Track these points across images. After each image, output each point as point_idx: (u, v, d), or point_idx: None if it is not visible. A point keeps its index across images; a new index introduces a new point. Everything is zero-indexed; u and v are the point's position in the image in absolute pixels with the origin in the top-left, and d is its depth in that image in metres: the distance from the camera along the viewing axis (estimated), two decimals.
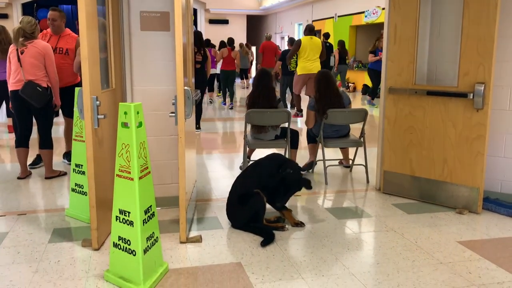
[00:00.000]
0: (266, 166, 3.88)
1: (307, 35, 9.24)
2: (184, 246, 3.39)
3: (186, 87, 3.24)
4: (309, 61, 9.06)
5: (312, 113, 5.15)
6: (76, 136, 4.03)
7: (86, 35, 3.04)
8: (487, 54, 3.83)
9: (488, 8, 3.78)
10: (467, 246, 3.43)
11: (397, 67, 4.38)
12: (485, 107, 3.90)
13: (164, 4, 3.92)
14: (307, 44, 9.08)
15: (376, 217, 4.05)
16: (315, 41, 9.18)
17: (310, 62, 9.07)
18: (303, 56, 9.12)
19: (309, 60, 9.06)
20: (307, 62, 9.07)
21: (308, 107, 5.22)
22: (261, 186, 3.73)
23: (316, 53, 9.14)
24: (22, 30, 4.76)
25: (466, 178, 4.08)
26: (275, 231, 3.63)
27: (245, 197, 3.74)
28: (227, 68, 11.71)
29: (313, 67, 9.06)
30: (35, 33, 4.87)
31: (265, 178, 3.78)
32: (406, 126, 4.39)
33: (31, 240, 3.48)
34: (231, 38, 12.49)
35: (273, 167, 3.79)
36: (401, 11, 4.30)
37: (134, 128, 2.74)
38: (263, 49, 12.39)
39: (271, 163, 3.88)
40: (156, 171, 3.91)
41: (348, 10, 16.89)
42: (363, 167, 5.17)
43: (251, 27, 26.30)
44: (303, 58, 9.12)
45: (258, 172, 3.88)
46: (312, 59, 9.09)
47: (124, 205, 2.79)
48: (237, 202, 3.78)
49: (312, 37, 9.22)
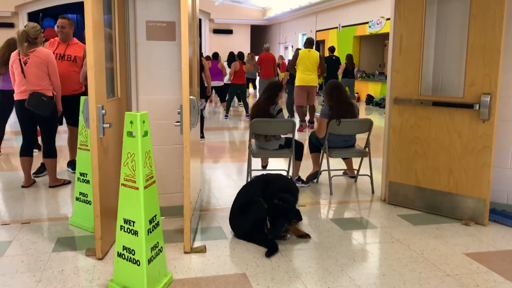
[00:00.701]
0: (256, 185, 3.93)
1: (306, 48, 9.41)
2: (189, 256, 3.36)
3: (191, 97, 3.24)
4: (307, 73, 9.22)
5: (325, 121, 5.09)
6: (81, 145, 4.04)
7: (93, 44, 3.05)
8: (494, 64, 3.82)
9: (494, 18, 3.78)
10: (474, 258, 3.40)
11: (403, 78, 4.38)
12: (491, 118, 3.88)
13: (170, 14, 3.94)
14: (304, 56, 9.23)
15: (382, 228, 4.02)
16: (312, 54, 9.30)
17: (308, 74, 9.23)
18: (300, 68, 9.28)
19: (306, 72, 9.22)
20: (305, 74, 9.23)
21: (321, 114, 5.19)
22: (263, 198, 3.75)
23: (313, 65, 9.27)
24: (26, 34, 4.77)
25: (472, 189, 4.05)
26: (278, 240, 3.61)
27: (246, 205, 3.73)
28: (238, 81, 11.77)
29: (310, 79, 9.23)
30: (37, 39, 4.86)
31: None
32: (411, 137, 4.38)
33: (34, 249, 3.47)
34: (241, 52, 12.63)
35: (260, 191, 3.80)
36: (407, 22, 4.30)
37: (140, 138, 2.73)
38: (260, 61, 12.58)
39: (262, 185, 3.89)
40: (161, 180, 3.90)
41: (352, 20, 16.95)
42: (368, 178, 5.14)
43: (255, 37, 26.43)
44: (301, 70, 9.27)
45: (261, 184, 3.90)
46: (310, 71, 9.24)
47: (128, 214, 2.78)
48: (238, 210, 3.77)
49: (310, 50, 9.35)
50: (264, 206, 3.69)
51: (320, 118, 5.16)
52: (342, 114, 5.00)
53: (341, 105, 5.07)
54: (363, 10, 16.00)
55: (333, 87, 5.25)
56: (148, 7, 3.92)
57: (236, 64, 11.79)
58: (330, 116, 5.04)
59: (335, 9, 18.06)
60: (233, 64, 11.92)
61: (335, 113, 5.02)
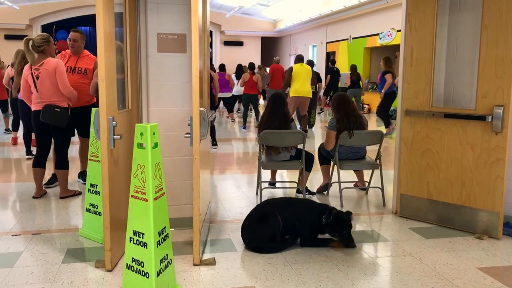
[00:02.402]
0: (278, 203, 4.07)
1: (297, 63, 10.15)
2: (198, 269, 3.34)
3: (201, 108, 3.25)
4: (300, 84, 9.90)
5: (333, 134, 5.08)
6: (91, 156, 4.05)
7: (104, 56, 3.08)
8: (506, 76, 3.78)
9: (507, 30, 3.75)
10: (487, 272, 3.34)
11: (414, 89, 4.35)
12: (504, 130, 3.83)
13: (181, 26, 3.96)
14: (298, 70, 9.93)
15: (393, 241, 3.97)
16: (305, 68, 10.09)
17: (301, 86, 9.90)
18: (295, 81, 9.94)
19: (300, 84, 9.90)
20: (298, 85, 9.91)
21: (329, 127, 5.17)
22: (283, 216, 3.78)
23: (307, 77, 9.99)
24: (32, 41, 4.83)
25: (485, 202, 4.00)
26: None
27: (265, 216, 3.80)
28: (250, 92, 11.99)
29: (304, 90, 9.93)
30: (42, 47, 4.86)
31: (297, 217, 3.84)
32: (423, 149, 4.34)
33: (44, 260, 3.47)
34: (252, 63, 12.88)
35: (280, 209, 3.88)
36: (418, 34, 4.28)
37: (150, 149, 2.73)
38: (272, 71, 12.74)
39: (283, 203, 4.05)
40: (170, 192, 3.90)
41: (362, 32, 16.96)
42: (379, 190, 5.10)
43: (265, 48, 26.53)
44: (296, 82, 9.95)
45: (292, 205, 3.97)
46: (303, 83, 9.93)
47: (138, 226, 2.77)
48: (258, 220, 3.82)
49: (302, 64, 10.16)
50: (280, 221, 3.73)
51: (328, 131, 5.14)
52: (351, 126, 4.98)
53: (349, 117, 5.05)
54: (373, 21, 16.01)
55: (339, 99, 5.23)
56: (159, 20, 3.95)
57: (246, 75, 12.05)
58: (338, 129, 5.02)
59: (345, 20, 18.10)
60: (242, 76, 12.27)
61: (344, 125, 5.00)
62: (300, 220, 3.79)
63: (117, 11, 3.47)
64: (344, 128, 4.97)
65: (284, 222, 3.76)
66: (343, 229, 3.72)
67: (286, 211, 3.84)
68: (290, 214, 3.81)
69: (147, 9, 3.93)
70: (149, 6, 3.93)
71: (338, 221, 3.72)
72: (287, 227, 3.77)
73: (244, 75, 12.24)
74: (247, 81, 11.93)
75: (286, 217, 3.78)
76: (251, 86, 11.94)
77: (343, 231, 3.72)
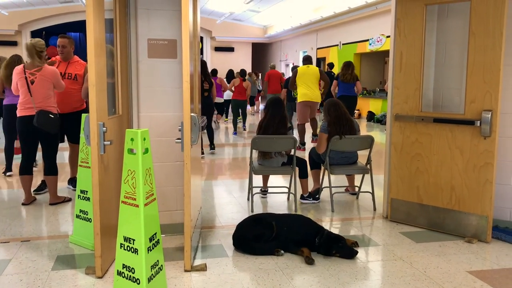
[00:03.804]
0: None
1: (304, 65, 9.48)
2: (189, 275, 3.33)
3: (192, 114, 3.25)
4: (309, 88, 9.19)
5: (325, 136, 5.09)
6: (82, 162, 4.03)
7: (94, 62, 3.07)
8: (494, 81, 3.83)
9: (494, 37, 3.80)
10: (477, 276, 3.36)
11: (403, 95, 4.39)
12: (492, 134, 3.87)
13: (172, 32, 3.97)
14: (303, 72, 9.23)
15: (384, 245, 3.99)
16: (311, 69, 9.31)
17: (309, 90, 9.19)
18: (301, 84, 9.27)
19: (308, 88, 9.19)
20: (307, 89, 9.20)
21: (321, 130, 5.19)
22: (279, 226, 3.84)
23: (314, 80, 9.23)
24: (33, 46, 4.86)
25: (475, 206, 4.03)
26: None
27: (260, 219, 3.94)
28: (239, 97, 12.04)
29: (313, 94, 9.16)
30: (43, 52, 4.95)
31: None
32: (413, 153, 4.37)
33: (34, 267, 3.44)
34: (243, 70, 13.32)
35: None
36: (407, 39, 4.33)
37: (141, 155, 2.73)
38: (268, 77, 13.13)
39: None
40: (161, 198, 3.88)
41: (352, 38, 17.07)
42: (370, 195, 5.12)
43: (256, 54, 26.62)
44: (302, 86, 9.26)
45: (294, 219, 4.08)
46: (311, 86, 9.21)
47: (129, 232, 2.76)
48: (252, 219, 3.97)
49: (309, 65, 9.38)
50: (274, 231, 3.78)
51: (320, 134, 5.18)
52: (341, 129, 5.01)
53: (340, 120, 5.07)
54: (363, 27, 16.13)
55: (330, 104, 5.27)
56: (149, 25, 3.95)
57: (236, 80, 12.16)
58: (329, 132, 5.05)
59: (335, 27, 18.22)
60: (232, 81, 12.34)
61: (335, 128, 5.03)
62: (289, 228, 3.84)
63: (108, 17, 3.47)
64: (335, 131, 5.00)
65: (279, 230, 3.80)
66: (337, 243, 3.70)
67: (284, 222, 3.90)
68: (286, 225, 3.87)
69: (137, 15, 3.93)
70: (139, 11, 3.93)
71: (330, 239, 3.72)
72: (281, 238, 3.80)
73: (234, 80, 12.35)
74: (236, 86, 12.00)
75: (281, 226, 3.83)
76: (240, 92, 12.01)
77: (339, 243, 3.71)
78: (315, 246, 3.73)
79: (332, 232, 3.83)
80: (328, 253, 3.69)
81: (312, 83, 9.19)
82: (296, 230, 3.84)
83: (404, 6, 4.30)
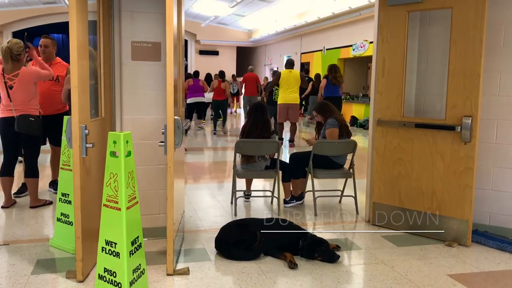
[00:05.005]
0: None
1: (287, 69, 10.08)
2: (171, 279, 3.31)
3: (176, 117, 3.24)
4: (288, 92, 9.81)
5: (337, 131, 5.16)
6: (63, 165, 3.98)
7: (77, 64, 3.04)
8: (474, 88, 3.89)
9: (474, 44, 3.86)
10: (457, 279, 3.41)
11: (386, 100, 4.43)
12: (472, 139, 3.94)
13: (156, 34, 3.95)
14: (286, 76, 9.81)
15: (366, 249, 4.02)
16: (294, 74, 9.92)
17: (289, 93, 9.80)
18: (283, 87, 9.89)
19: (288, 91, 9.81)
20: (286, 92, 9.83)
21: (330, 126, 5.18)
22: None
23: (295, 84, 9.86)
24: (10, 50, 4.72)
25: (455, 210, 4.08)
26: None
27: (246, 225, 3.91)
28: (218, 98, 12.89)
29: (291, 97, 9.82)
30: (20, 56, 4.81)
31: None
32: (395, 158, 4.41)
33: (13, 272, 3.38)
34: (222, 71, 14.08)
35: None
36: (389, 45, 4.38)
37: (123, 158, 2.71)
38: (244, 80, 14.14)
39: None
40: (144, 201, 3.86)
41: (336, 43, 17.20)
42: (353, 199, 5.15)
43: (240, 58, 26.62)
44: (283, 89, 9.89)
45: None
46: (291, 90, 9.83)
47: (110, 235, 2.74)
48: (237, 224, 3.97)
49: (291, 70, 9.98)
50: (256, 236, 3.76)
51: (332, 129, 5.16)
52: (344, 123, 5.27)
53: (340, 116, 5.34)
54: (347, 33, 16.27)
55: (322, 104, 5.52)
56: (133, 28, 3.93)
57: (215, 82, 13.08)
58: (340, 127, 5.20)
59: (319, 32, 18.33)
60: (212, 83, 13.30)
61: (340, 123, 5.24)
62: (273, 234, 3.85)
63: (91, 18, 3.44)
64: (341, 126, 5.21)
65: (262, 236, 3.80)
66: (320, 246, 3.72)
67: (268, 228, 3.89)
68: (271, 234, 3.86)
69: (121, 17, 3.91)
70: (123, 14, 3.91)
71: (313, 242, 3.74)
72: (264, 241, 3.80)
73: (213, 82, 13.24)
74: (215, 88, 12.83)
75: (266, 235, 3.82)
76: (219, 92, 12.81)
77: (321, 246, 3.72)
78: (299, 249, 3.74)
79: (315, 235, 3.85)
80: (310, 256, 3.70)
81: (293, 87, 9.86)
82: (280, 235, 3.84)
83: (387, 12, 4.36)
